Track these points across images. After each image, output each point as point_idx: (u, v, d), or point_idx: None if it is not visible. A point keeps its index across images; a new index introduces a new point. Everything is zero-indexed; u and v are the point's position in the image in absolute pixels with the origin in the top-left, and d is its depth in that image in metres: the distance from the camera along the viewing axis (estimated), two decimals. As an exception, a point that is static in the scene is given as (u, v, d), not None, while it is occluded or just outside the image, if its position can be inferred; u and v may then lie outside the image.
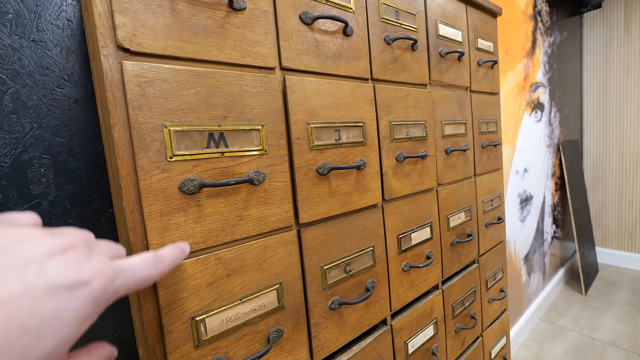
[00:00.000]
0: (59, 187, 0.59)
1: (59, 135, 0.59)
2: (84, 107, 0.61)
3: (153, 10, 0.34)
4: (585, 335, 1.89)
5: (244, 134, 0.41)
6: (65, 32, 0.60)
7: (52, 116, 0.59)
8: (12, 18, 0.55)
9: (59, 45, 0.59)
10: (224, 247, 0.40)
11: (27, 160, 0.56)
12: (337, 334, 0.51)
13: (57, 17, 0.59)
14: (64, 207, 0.60)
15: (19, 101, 0.56)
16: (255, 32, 0.42)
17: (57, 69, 0.59)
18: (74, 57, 0.61)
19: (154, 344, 0.35)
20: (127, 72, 0.33)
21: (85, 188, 0.62)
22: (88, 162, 0.62)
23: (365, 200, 0.55)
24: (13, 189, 0.55)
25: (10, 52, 0.55)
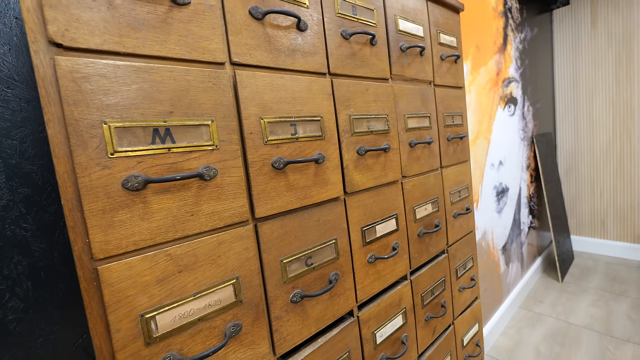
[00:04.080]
0: (12, 191, 0.58)
1: (10, 137, 0.58)
2: (37, 107, 0.60)
3: (87, 5, 0.34)
4: (562, 320, 1.96)
5: (192, 130, 0.41)
6: (13, 30, 0.58)
7: (2, 118, 0.57)
8: (-48, 16, 0.53)
9: (7, 44, 0.58)
10: (174, 243, 0.40)
11: (-25, 164, 0.55)
12: (301, 326, 0.52)
13: (3, 15, 0.57)
14: (19, 212, 0.58)
15: (-36, 103, 0.54)
16: (202, 27, 0.42)
17: (5, 68, 0.57)
18: (23, 56, 0.59)
19: (100, 343, 0.35)
20: (61, 68, 0.32)
21: (41, 191, 0.60)
22: (43, 165, 0.61)
23: (326, 193, 0.55)
24: (-39, 194, 0.53)
25: (-49, 51, 0.53)
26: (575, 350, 1.70)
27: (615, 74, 2.46)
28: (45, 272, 0.60)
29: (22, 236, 0.58)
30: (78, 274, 0.34)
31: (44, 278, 0.60)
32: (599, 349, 1.67)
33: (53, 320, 0.61)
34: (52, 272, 0.61)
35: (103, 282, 0.34)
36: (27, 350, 0.59)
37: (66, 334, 0.62)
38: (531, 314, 2.06)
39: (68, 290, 0.63)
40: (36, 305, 0.59)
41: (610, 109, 2.52)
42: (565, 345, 1.76)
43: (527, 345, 1.80)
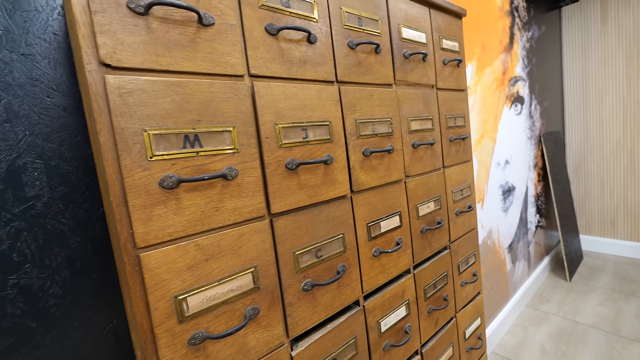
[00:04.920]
0: (52, 190, 0.65)
1: (50, 141, 0.65)
2: (73, 114, 0.67)
3: (130, 30, 0.40)
4: (568, 319, 1.98)
5: (216, 135, 0.46)
6: (52, 45, 0.65)
7: (43, 124, 0.64)
8: (2, 34, 0.60)
9: (47, 58, 0.65)
10: (202, 235, 0.46)
11: (21, 165, 0.62)
12: (311, 312, 0.58)
13: (44, 32, 0.64)
14: (58, 208, 0.65)
15: (12, 111, 0.61)
16: (224, 44, 0.48)
17: (45, 79, 0.64)
18: (61, 68, 0.66)
19: (142, 320, 0.41)
20: (110, 85, 0.38)
21: (77, 190, 0.67)
22: (78, 166, 0.68)
23: (334, 192, 0.61)
24: (9, 192, 0.61)
25: (1, 65, 0.60)
26: (582, 349, 1.72)
27: (626, 72, 2.45)
28: (81, 262, 0.67)
29: (60, 230, 0.65)
30: (124, 260, 0.40)
31: (80, 268, 0.67)
32: (606, 348, 1.69)
33: (87, 306, 0.68)
34: (86, 263, 0.68)
35: (144, 267, 0.41)
36: (64, 332, 0.66)
37: (99, 319, 0.69)
38: (537, 313, 2.08)
39: (100, 279, 0.70)
40: (73, 292, 0.66)
41: (620, 106, 2.51)
42: (571, 343, 1.79)
43: (533, 343, 1.83)
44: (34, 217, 0.63)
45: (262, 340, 0.51)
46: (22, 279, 0.61)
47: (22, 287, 0.61)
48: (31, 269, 0.62)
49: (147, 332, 0.41)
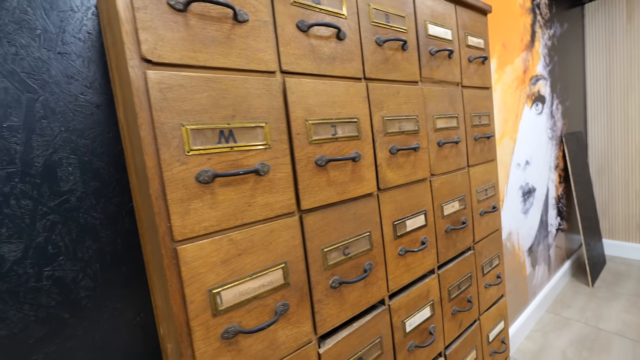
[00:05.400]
0: (85, 184, 0.67)
1: (84, 137, 0.66)
2: (105, 111, 0.68)
3: (170, 26, 0.41)
4: (591, 326, 1.92)
5: (250, 131, 0.47)
6: (86, 44, 0.67)
7: (77, 120, 0.66)
8: (40, 33, 0.62)
9: (82, 56, 0.66)
10: (235, 229, 0.46)
11: (56, 160, 0.64)
12: (338, 310, 0.57)
13: (79, 31, 0.66)
14: (90, 202, 0.67)
15: (49, 108, 0.63)
16: (258, 41, 0.48)
17: (80, 77, 0.66)
18: (94, 66, 0.68)
19: (178, 312, 0.42)
20: (150, 80, 0.39)
21: (108, 185, 0.69)
22: (109, 161, 0.69)
23: (361, 189, 0.61)
24: (45, 186, 0.62)
25: (39, 64, 0.62)
26: (606, 356, 1.66)
27: (653, 70, 2.36)
28: (111, 256, 0.69)
29: (92, 224, 0.67)
30: (162, 252, 0.41)
31: (110, 261, 0.69)
32: (632, 357, 1.63)
33: (117, 299, 0.70)
34: (116, 256, 0.70)
35: (181, 260, 0.41)
36: (95, 324, 0.67)
37: (127, 312, 0.71)
38: (558, 318, 2.02)
39: (129, 273, 0.71)
40: (103, 285, 0.68)
41: (647, 106, 2.41)
42: (594, 351, 1.73)
43: (554, 349, 1.77)
44: (68, 210, 0.64)
45: (291, 337, 0.51)
46: (57, 270, 0.63)
47: (56, 279, 0.63)
48: (65, 261, 0.64)
49: (183, 325, 0.42)
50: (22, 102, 0.60)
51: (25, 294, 0.60)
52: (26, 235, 0.61)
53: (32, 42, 0.61)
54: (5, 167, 0.59)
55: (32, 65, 0.61)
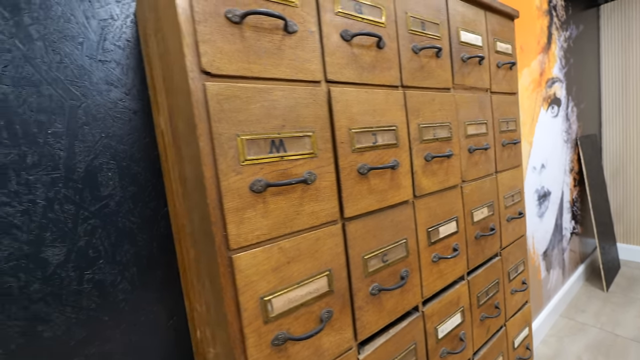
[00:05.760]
0: (123, 189, 0.68)
1: (123, 143, 0.68)
2: (141, 117, 0.70)
3: (227, 39, 0.41)
4: (607, 331, 1.90)
5: (298, 140, 0.47)
6: (125, 52, 0.68)
7: (116, 126, 0.67)
8: (82, 41, 0.64)
9: (121, 64, 0.68)
10: (284, 238, 0.47)
11: (97, 165, 0.65)
12: (377, 317, 0.58)
13: (118, 39, 0.67)
14: (128, 207, 0.68)
15: (90, 114, 0.64)
16: (305, 51, 0.49)
17: (119, 84, 0.67)
18: (132, 73, 0.69)
19: (232, 320, 0.42)
20: (209, 92, 0.40)
21: (145, 189, 0.70)
22: (146, 167, 0.71)
23: (399, 196, 0.61)
24: (87, 191, 0.64)
25: (82, 71, 0.63)
26: (623, 362, 1.64)
27: (671, 73, 2.33)
28: (147, 260, 0.70)
29: (130, 228, 0.68)
30: (217, 261, 0.42)
31: (146, 265, 0.70)
32: (650, 363, 1.61)
33: (152, 302, 0.71)
34: (152, 260, 0.71)
35: (236, 268, 0.42)
36: (132, 326, 0.69)
37: (162, 315, 0.72)
38: (573, 323, 2.00)
39: (164, 276, 0.73)
40: (140, 288, 0.69)
41: (663, 109, 2.39)
42: (610, 357, 1.71)
43: (569, 354, 1.76)
44: (107, 215, 0.66)
45: (335, 343, 0.52)
46: (97, 274, 0.64)
47: (96, 282, 0.65)
48: (104, 264, 0.65)
49: (237, 332, 0.43)
50: (65, 109, 0.61)
51: (68, 297, 0.62)
52: (69, 239, 0.62)
53: (75, 50, 0.62)
54: (50, 173, 0.60)
55: (75, 72, 0.62)
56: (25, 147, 0.58)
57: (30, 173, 0.58)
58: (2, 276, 0.56)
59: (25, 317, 0.58)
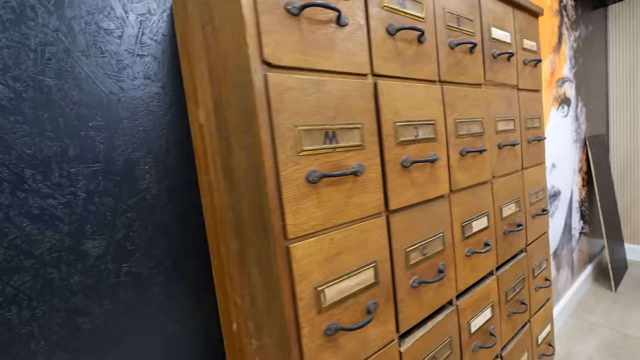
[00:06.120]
0: (159, 183, 0.68)
1: (159, 137, 0.68)
2: (176, 111, 0.70)
3: (286, 30, 0.42)
4: (617, 332, 1.91)
5: (348, 132, 0.48)
6: (161, 46, 0.69)
7: (153, 120, 0.68)
8: (121, 35, 0.64)
9: (157, 58, 0.68)
10: (335, 229, 0.47)
11: (135, 159, 0.65)
12: (417, 310, 0.58)
13: (155, 33, 0.68)
14: (163, 201, 0.69)
15: (129, 108, 0.65)
16: (355, 44, 0.49)
17: (156, 79, 0.68)
18: (167, 67, 0.70)
19: (289, 310, 0.43)
20: (270, 82, 0.40)
21: (179, 183, 0.71)
22: (181, 160, 0.71)
23: (437, 190, 0.62)
24: (125, 184, 0.64)
25: (121, 65, 0.64)
26: (635, 362, 1.65)
27: (679, 73, 2.35)
28: (181, 253, 0.70)
29: (165, 221, 0.69)
30: (275, 251, 0.42)
31: (180, 258, 0.70)
32: (662, 363, 1.62)
33: (186, 295, 0.71)
34: (185, 254, 0.71)
35: (292, 258, 0.42)
36: (166, 319, 0.69)
37: (193, 309, 0.72)
38: (582, 323, 2.01)
39: (196, 270, 0.73)
40: (173, 281, 0.70)
41: (671, 110, 2.40)
42: (621, 357, 1.72)
43: (579, 354, 1.77)
44: (144, 208, 0.66)
45: (379, 335, 0.53)
46: (134, 267, 0.65)
47: (133, 275, 0.65)
48: (140, 257, 0.66)
49: (292, 322, 0.43)
50: (105, 103, 0.62)
51: (106, 289, 0.62)
52: (108, 231, 0.62)
53: (114, 44, 0.63)
54: (90, 166, 0.61)
55: (114, 66, 0.63)
56: (68, 139, 0.58)
57: (72, 165, 0.58)
58: (45, 267, 0.56)
59: (65, 309, 0.58)
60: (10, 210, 0.53)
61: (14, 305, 0.54)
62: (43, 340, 0.56)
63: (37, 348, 0.56)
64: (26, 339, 0.55)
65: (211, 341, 0.74)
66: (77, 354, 0.59)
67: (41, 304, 0.56)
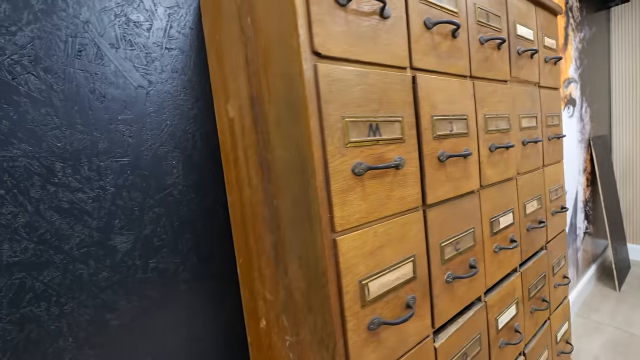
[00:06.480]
0: (185, 178, 0.68)
1: (186, 131, 0.68)
2: (201, 106, 0.70)
3: (335, 20, 0.42)
4: (623, 331, 1.93)
5: (390, 125, 0.48)
6: (188, 39, 0.68)
7: (180, 115, 0.67)
8: (150, 27, 0.63)
9: (184, 52, 0.68)
10: (378, 222, 0.47)
11: (162, 154, 0.65)
12: (450, 305, 0.58)
13: (183, 26, 0.67)
14: (190, 196, 0.68)
15: (157, 102, 0.64)
16: (397, 36, 0.49)
17: (182, 73, 0.67)
18: (194, 61, 0.69)
19: (335, 303, 0.42)
20: (320, 73, 0.40)
21: (205, 179, 0.70)
22: (207, 155, 0.71)
23: (468, 186, 0.62)
24: (153, 179, 0.64)
25: (149, 59, 0.64)
26: (642, 361, 1.67)
27: (680, 75, 2.39)
28: (206, 249, 0.70)
29: (191, 217, 0.68)
30: (323, 243, 0.42)
31: (205, 255, 0.70)
32: (669, 362, 1.64)
33: (210, 291, 0.71)
34: (210, 251, 0.71)
35: (339, 251, 0.42)
36: (192, 315, 0.69)
37: (217, 305, 0.72)
38: (588, 323, 2.03)
39: (220, 267, 0.72)
40: (199, 277, 0.69)
41: (673, 111, 2.44)
42: (628, 356, 1.74)
43: (586, 353, 1.78)
44: (171, 203, 0.66)
45: (416, 330, 0.52)
46: (160, 263, 0.64)
47: (160, 271, 0.64)
48: (167, 253, 0.65)
49: (338, 315, 0.43)
50: (134, 96, 0.61)
51: (134, 285, 0.61)
52: (136, 227, 0.62)
53: (143, 37, 0.62)
54: (119, 160, 0.60)
55: (143, 59, 0.62)
56: (97, 132, 0.57)
57: (101, 159, 0.58)
58: (74, 263, 0.55)
59: (94, 305, 0.57)
60: (40, 204, 0.53)
61: (43, 301, 0.53)
62: (71, 337, 0.55)
63: (66, 345, 0.55)
64: (55, 335, 0.54)
65: (234, 338, 0.74)
66: (104, 350, 0.58)
67: (70, 300, 0.55)
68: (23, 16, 0.51)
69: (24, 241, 0.51)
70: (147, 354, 0.62)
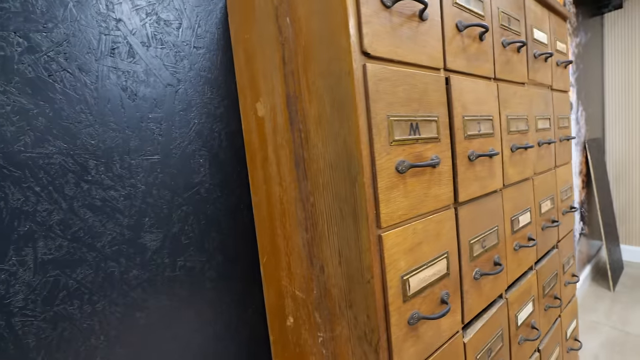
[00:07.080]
0: (212, 177, 0.68)
1: (212, 130, 0.68)
2: (227, 105, 0.70)
3: (381, 22, 0.43)
4: (619, 330, 1.99)
5: (428, 124, 0.50)
6: (215, 37, 0.69)
7: (207, 113, 0.68)
8: (178, 26, 0.64)
9: (212, 51, 0.69)
10: (416, 219, 0.49)
11: (190, 152, 0.65)
12: (477, 302, 0.60)
13: (211, 25, 0.68)
14: (216, 195, 0.69)
15: (186, 100, 0.65)
16: (433, 38, 0.51)
17: (210, 72, 0.68)
18: (221, 60, 0.70)
19: (379, 298, 0.44)
20: (368, 72, 0.42)
21: (230, 177, 0.71)
22: (233, 155, 0.71)
23: (493, 185, 0.64)
24: (181, 177, 0.64)
25: (178, 57, 0.64)
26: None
27: (671, 80, 2.48)
28: (231, 248, 0.70)
29: (217, 216, 0.69)
30: (369, 239, 0.43)
31: (230, 253, 0.70)
32: (665, 360, 1.69)
33: (235, 290, 0.72)
34: (235, 249, 0.71)
35: (384, 246, 0.43)
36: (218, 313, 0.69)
37: (241, 304, 0.72)
38: (585, 322, 2.08)
39: (246, 265, 0.73)
40: (224, 276, 0.70)
41: (664, 115, 2.53)
42: (625, 355, 1.79)
43: (585, 352, 1.83)
44: (198, 202, 0.66)
45: (449, 325, 0.54)
46: (188, 261, 0.65)
47: (187, 269, 0.65)
48: (194, 252, 0.66)
49: (381, 310, 0.44)
50: (163, 94, 0.62)
51: (162, 284, 0.62)
52: (164, 225, 0.62)
53: (173, 36, 0.63)
54: (149, 158, 0.60)
55: (172, 58, 0.63)
56: (129, 130, 0.58)
57: (132, 157, 0.58)
58: (105, 261, 0.55)
59: (124, 303, 0.57)
60: (74, 201, 0.53)
61: (76, 299, 0.53)
62: (103, 335, 0.55)
63: (97, 343, 0.55)
64: (87, 334, 0.54)
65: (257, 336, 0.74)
66: (134, 349, 0.58)
67: (102, 298, 0.55)
68: (59, 13, 0.51)
69: (59, 239, 0.51)
70: (174, 353, 0.62)
